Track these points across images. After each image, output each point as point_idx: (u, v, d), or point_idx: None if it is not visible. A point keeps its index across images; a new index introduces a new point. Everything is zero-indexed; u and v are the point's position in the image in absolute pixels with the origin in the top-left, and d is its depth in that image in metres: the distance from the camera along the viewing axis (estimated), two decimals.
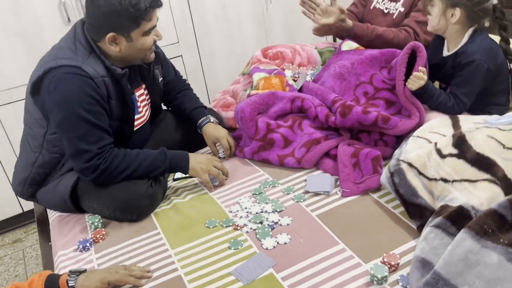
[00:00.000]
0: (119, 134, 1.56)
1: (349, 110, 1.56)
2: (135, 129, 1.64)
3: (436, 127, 1.44)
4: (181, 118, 1.86)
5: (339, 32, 1.86)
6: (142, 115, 1.67)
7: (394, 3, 1.96)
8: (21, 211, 2.51)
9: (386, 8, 1.99)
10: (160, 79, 1.72)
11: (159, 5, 1.44)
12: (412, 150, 1.35)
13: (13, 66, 2.24)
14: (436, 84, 1.71)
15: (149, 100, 1.74)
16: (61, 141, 1.46)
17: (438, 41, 1.61)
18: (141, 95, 1.66)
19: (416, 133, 1.44)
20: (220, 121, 1.92)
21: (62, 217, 1.58)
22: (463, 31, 1.50)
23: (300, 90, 1.92)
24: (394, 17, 1.94)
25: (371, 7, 2.07)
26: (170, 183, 1.70)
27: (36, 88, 1.43)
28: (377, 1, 2.05)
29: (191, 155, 1.57)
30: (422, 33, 1.78)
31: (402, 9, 1.91)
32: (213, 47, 2.73)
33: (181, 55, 2.65)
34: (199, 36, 2.66)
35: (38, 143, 1.52)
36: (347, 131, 1.64)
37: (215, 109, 2.04)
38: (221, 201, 1.50)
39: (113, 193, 1.46)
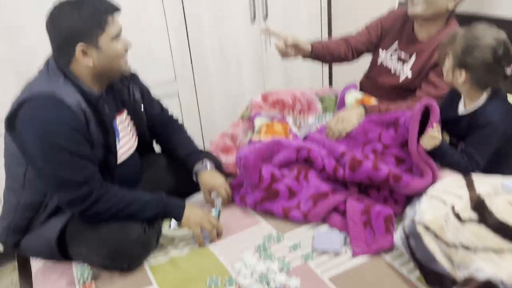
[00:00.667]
0: (104, 164, 1.48)
1: (359, 165, 1.51)
2: (120, 160, 1.56)
3: (451, 187, 1.39)
4: (176, 162, 1.78)
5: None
6: (124, 143, 1.59)
7: (402, 64, 1.93)
8: None
9: (394, 69, 1.96)
10: (142, 106, 1.66)
11: (117, 8, 1.42)
12: (428, 211, 1.30)
13: (3, 96, 2.13)
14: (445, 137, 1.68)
15: (133, 129, 1.66)
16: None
17: (453, 95, 1.59)
18: (122, 122, 1.59)
19: (429, 192, 1.39)
20: (219, 165, 1.84)
21: (46, 266, 1.45)
22: (479, 91, 1.48)
23: (304, 139, 1.87)
24: (400, 80, 1.91)
25: (378, 63, 2.04)
26: (166, 230, 1.59)
27: (12, 123, 1.36)
28: (385, 57, 2.02)
29: (188, 204, 1.49)
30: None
31: (410, 75, 1.88)
32: (211, 86, 2.68)
33: (178, 93, 2.59)
34: (197, 74, 2.62)
35: (19, 184, 1.44)
36: (355, 185, 1.58)
37: (214, 153, 1.97)
38: (223, 257, 1.41)
39: (104, 238, 1.36)
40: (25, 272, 1.53)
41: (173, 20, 2.42)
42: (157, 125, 1.77)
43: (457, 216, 1.21)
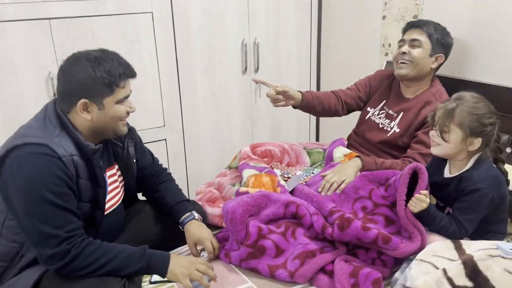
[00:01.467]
0: (89, 218, 1.44)
1: (348, 224, 1.48)
2: (106, 212, 1.52)
3: (439, 251, 1.37)
4: (162, 211, 1.74)
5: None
6: (112, 197, 1.56)
7: (389, 120, 1.98)
8: None
9: (381, 124, 2.00)
10: (134, 160, 1.64)
11: (133, 75, 1.44)
12: (418, 276, 1.27)
13: None
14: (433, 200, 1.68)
15: (122, 183, 1.64)
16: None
17: (438, 160, 1.61)
18: (112, 176, 1.56)
19: (419, 256, 1.37)
20: (204, 216, 1.80)
21: None
22: (469, 156, 1.50)
23: (291, 192, 1.85)
24: (388, 135, 1.95)
25: (366, 118, 2.08)
26: (146, 285, 1.52)
27: None
28: (373, 114, 2.06)
29: (172, 256, 1.43)
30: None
31: (397, 130, 1.93)
32: (199, 133, 2.69)
33: (165, 139, 2.58)
34: (186, 121, 2.62)
35: None
36: (343, 245, 1.55)
37: (200, 203, 1.93)
38: None
39: None
40: None
41: (165, 67, 2.45)
42: (147, 175, 1.74)
43: (451, 282, 1.19)
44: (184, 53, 2.48)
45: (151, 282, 1.53)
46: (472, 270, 1.19)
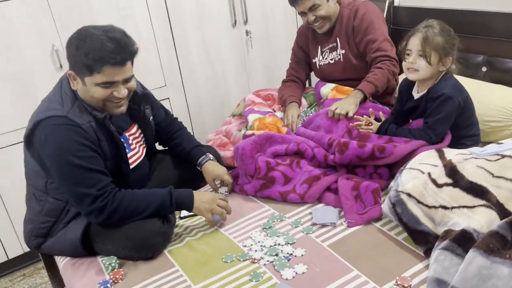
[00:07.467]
0: (117, 172, 1.61)
1: (346, 147, 1.70)
2: (132, 166, 1.70)
3: (425, 159, 1.60)
4: (180, 157, 1.94)
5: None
6: (136, 152, 1.74)
7: (335, 51, 2.18)
8: (6, 259, 2.43)
9: (332, 58, 2.21)
10: (151, 118, 1.81)
11: (116, 63, 1.41)
12: (408, 181, 1.50)
13: (1, 112, 2.22)
14: None
15: (143, 139, 1.81)
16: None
17: (406, 87, 1.83)
18: (132, 134, 1.74)
19: (408, 165, 1.59)
20: (218, 158, 2.01)
21: (73, 261, 1.59)
22: (437, 75, 1.71)
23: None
24: (342, 61, 2.16)
25: (318, 67, 2.29)
26: (177, 221, 1.75)
27: (30, 141, 1.50)
28: (319, 59, 2.26)
29: (195, 193, 1.62)
30: (392, 52, 2.04)
31: (343, 51, 2.14)
32: (199, 89, 2.84)
33: (169, 98, 2.74)
34: (185, 78, 2.77)
35: (42, 192, 1.57)
36: (343, 167, 1.78)
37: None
38: (233, 236, 1.57)
39: (128, 233, 1.51)
40: (52, 269, 1.65)
41: (159, 29, 2.57)
42: (162, 127, 1.93)
43: (434, 182, 1.42)
44: (174, 12, 2.59)
45: (180, 218, 1.77)
46: (451, 170, 1.42)
